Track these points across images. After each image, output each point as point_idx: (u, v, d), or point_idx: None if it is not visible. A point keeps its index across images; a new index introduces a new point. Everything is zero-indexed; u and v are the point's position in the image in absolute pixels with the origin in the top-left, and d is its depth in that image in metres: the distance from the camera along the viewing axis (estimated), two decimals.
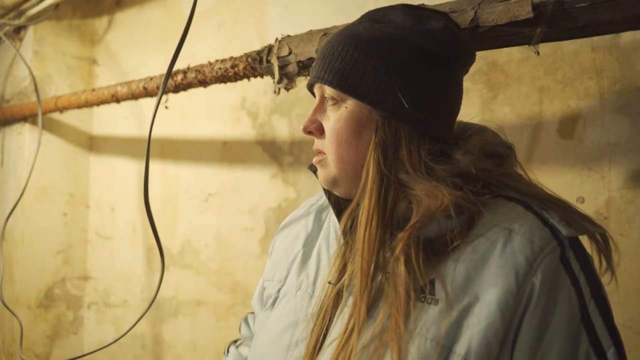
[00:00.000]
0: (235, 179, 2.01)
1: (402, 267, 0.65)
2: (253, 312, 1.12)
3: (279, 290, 0.88)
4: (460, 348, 0.63)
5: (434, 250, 0.68)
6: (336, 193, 0.84)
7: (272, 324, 0.83)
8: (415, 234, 0.67)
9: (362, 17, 0.84)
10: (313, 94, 0.86)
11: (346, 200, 0.83)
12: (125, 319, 2.36)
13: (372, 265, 0.70)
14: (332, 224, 0.90)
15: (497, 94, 1.42)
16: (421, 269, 0.65)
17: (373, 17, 0.82)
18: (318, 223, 0.94)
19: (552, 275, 0.64)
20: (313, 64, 0.83)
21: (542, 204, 0.70)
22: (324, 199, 0.98)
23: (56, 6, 2.17)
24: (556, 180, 1.32)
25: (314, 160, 0.84)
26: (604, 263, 0.70)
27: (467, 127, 0.84)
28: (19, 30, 2.41)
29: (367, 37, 0.77)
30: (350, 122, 0.76)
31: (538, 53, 0.93)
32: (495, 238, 0.67)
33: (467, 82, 1.46)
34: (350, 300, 0.73)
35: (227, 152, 2.05)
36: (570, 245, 0.67)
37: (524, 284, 0.63)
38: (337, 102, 0.78)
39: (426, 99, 0.75)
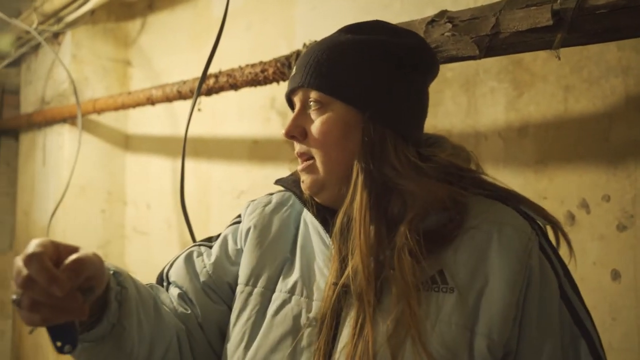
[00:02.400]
0: (265, 176, 2.07)
1: (407, 257, 0.71)
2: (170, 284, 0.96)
3: (269, 299, 0.83)
4: (483, 328, 0.70)
5: (435, 242, 0.74)
6: (319, 200, 0.83)
7: (265, 332, 0.80)
8: (415, 226, 0.73)
9: (341, 29, 0.87)
10: (291, 105, 0.87)
11: (328, 208, 0.84)
12: None
13: (373, 261, 0.73)
14: (311, 225, 0.88)
15: (522, 92, 1.43)
16: (425, 258, 0.71)
17: (351, 30, 0.85)
18: (295, 224, 0.92)
19: (539, 259, 0.74)
20: (292, 74, 0.84)
21: (514, 199, 0.80)
22: (293, 200, 0.97)
23: (92, 12, 2.25)
24: (582, 179, 1.33)
25: (301, 167, 0.83)
26: (564, 246, 0.80)
27: (427, 135, 0.89)
28: (57, 35, 2.51)
29: (349, 45, 0.80)
30: (338, 124, 0.78)
31: (559, 58, 0.95)
32: (489, 230, 0.75)
33: (493, 81, 1.48)
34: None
35: (257, 151, 2.11)
36: (541, 233, 0.77)
37: (525, 266, 0.72)
38: (322, 105, 0.80)
39: (404, 104, 0.81)
